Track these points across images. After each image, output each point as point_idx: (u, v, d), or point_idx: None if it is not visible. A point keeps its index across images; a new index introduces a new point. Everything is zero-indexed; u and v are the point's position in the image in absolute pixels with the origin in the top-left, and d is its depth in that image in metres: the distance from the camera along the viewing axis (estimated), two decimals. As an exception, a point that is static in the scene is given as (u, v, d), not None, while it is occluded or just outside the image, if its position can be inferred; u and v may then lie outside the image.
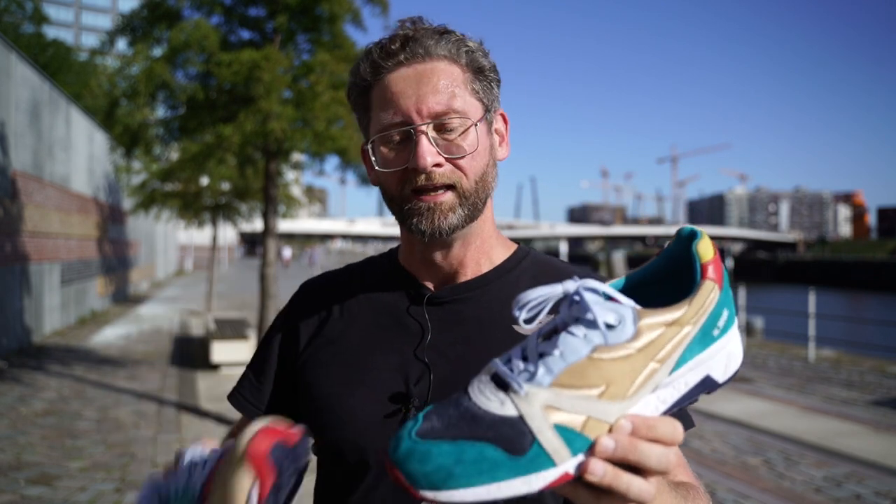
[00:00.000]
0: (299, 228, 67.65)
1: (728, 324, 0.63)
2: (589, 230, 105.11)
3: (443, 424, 0.57)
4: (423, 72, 0.90)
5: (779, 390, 8.42)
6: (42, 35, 28.72)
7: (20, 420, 6.61)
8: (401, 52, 0.90)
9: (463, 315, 0.96)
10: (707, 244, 0.63)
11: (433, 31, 0.92)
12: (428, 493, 0.55)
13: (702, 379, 0.62)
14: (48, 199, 12.51)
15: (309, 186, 16.47)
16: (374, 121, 0.93)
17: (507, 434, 0.56)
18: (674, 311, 0.60)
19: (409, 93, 0.89)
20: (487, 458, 0.55)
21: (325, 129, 5.84)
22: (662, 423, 0.59)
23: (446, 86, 0.90)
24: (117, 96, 6.38)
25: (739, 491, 4.89)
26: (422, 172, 0.89)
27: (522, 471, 0.55)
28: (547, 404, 0.56)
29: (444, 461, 0.55)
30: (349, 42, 6.29)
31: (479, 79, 0.94)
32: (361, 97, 0.95)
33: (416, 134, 0.88)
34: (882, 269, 57.30)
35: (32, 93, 11.71)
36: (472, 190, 0.91)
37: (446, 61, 0.91)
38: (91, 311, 15.84)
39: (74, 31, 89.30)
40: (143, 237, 24.79)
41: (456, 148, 0.90)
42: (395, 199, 0.93)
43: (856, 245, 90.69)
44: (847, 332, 17.59)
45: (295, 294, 1.12)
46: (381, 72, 0.91)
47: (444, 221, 0.90)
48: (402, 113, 0.89)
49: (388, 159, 0.91)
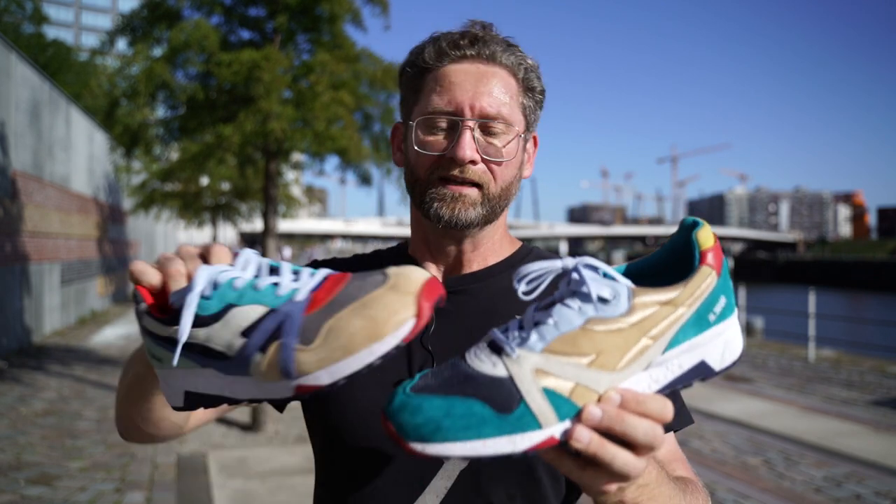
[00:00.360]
0: (299, 228, 67.64)
1: (726, 312, 0.65)
2: (588, 230, 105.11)
3: (437, 382, 0.59)
4: (484, 72, 0.93)
5: (779, 390, 8.42)
6: (42, 35, 28.72)
7: (20, 420, 6.62)
8: (469, 48, 0.93)
9: (467, 305, 0.98)
10: (707, 232, 0.65)
11: (501, 40, 0.95)
12: (416, 444, 0.57)
13: (697, 363, 0.64)
14: (48, 199, 12.51)
15: (309, 186, 16.48)
16: (422, 102, 0.95)
17: (496, 393, 0.57)
18: (669, 292, 0.61)
19: (467, 87, 0.91)
20: (475, 413, 0.57)
21: (325, 129, 5.83)
22: (652, 399, 0.60)
23: (501, 93, 0.93)
24: (117, 96, 6.38)
25: (739, 491, 4.89)
26: (458, 165, 0.91)
27: (508, 429, 0.57)
28: (537, 368, 0.58)
29: (434, 414, 0.57)
30: (349, 42, 6.29)
31: (529, 96, 0.98)
32: (416, 78, 0.96)
33: (462, 127, 0.91)
34: (882, 269, 57.31)
35: (32, 93, 11.71)
36: (496, 194, 0.94)
37: (506, 71, 0.95)
38: (91, 311, 15.84)
39: (74, 31, 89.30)
40: (143, 237, 24.80)
41: (494, 151, 0.93)
42: (420, 181, 0.95)
43: (856, 245, 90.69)
44: (847, 332, 17.59)
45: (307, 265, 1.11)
46: (443, 59, 0.93)
47: (464, 213, 0.92)
48: (456, 103, 0.91)
49: (427, 142, 0.93)
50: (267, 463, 5.45)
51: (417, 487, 0.90)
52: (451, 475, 0.90)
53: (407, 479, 0.91)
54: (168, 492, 4.85)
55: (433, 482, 0.90)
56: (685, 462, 0.95)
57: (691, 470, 0.95)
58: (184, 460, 5.55)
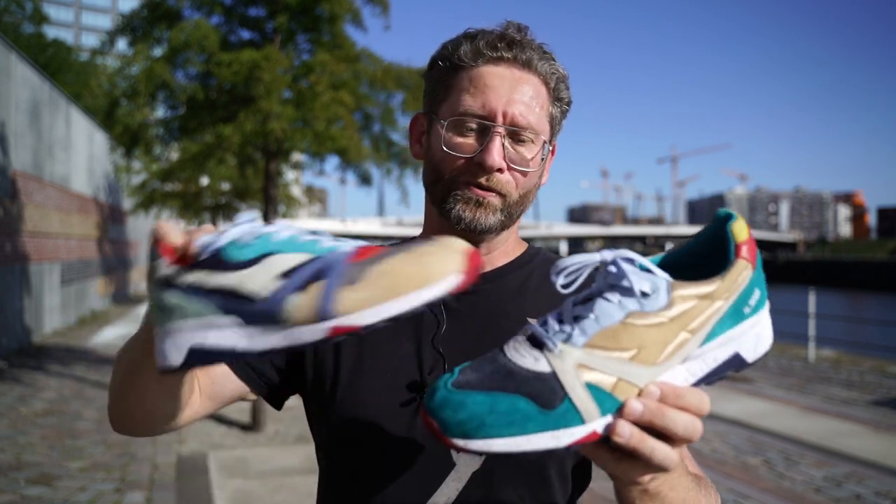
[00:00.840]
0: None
1: (759, 304, 0.65)
2: (587, 230, 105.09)
3: (478, 377, 0.59)
4: (520, 78, 0.92)
5: (779, 390, 8.41)
6: (42, 35, 28.72)
7: (20, 420, 6.61)
8: (506, 51, 0.92)
9: (477, 306, 0.97)
10: (742, 225, 0.65)
11: (537, 46, 0.94)
12: (459, 441, 0.57)
13: (731, 356, 0.64)
14: (48, 199, 12.51)
15: (309, 186, 16.47)
16: (452, 100, 0.93)
17: (539, 389, 0.58)
18: (707, 285, 0.62)
19: (502, 92, 0.90)
20: (519, 410, 0.57)
21: (325, 129, 5.83)
22: (691, 392, 0.61)
23: (534, 102, 0.92)
24: (117, 96, 6.38)
25: (739, 491, 4.89)
26: (486, 172, 0.90)
27: (552, 425, 0.57)
28: (580, 363, 0.59)
29: (478, 410, 0.57)
30: (349, 42, 6.28)
31: (557, 107, 0.97)
32: (448, 73, 0.95)
33: (493, 133, 0.90)
34: (882, 269, 57.31)
35: (32, 93, 11.71)
36: (515, 202, 0.94)
37: (540, 79, 0.94)
38: (91, 311, 15.84)
39: (74, 31, 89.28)
40: (144, 237, 24.79)
41: (521, 160, 0.92)
42: (443, 181, 0.94)
43: (856, 245, 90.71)
44: (847, 332, 17.59)
45: None
46: (479, 59, 0.92)
47: (485, 218, 0.92)
48: (489, 108, 0.90)
49: (456, 144, 0.92)
50: (267, 463, 5.45)
51: (427, 490, 0.90)
52: (462, 477, 0.89)
53: (416, 482, 0.91)
54: (168, 492, 4.84)
55: (444, 485, 0.90)
56: (692, 459, 0.96)
57: (698, 467, 0.95)
58: (184, 460, 5.55)
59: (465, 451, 0.57)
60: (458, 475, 0.89)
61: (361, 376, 0.95)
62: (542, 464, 0.91)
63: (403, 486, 0.91)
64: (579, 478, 0.97)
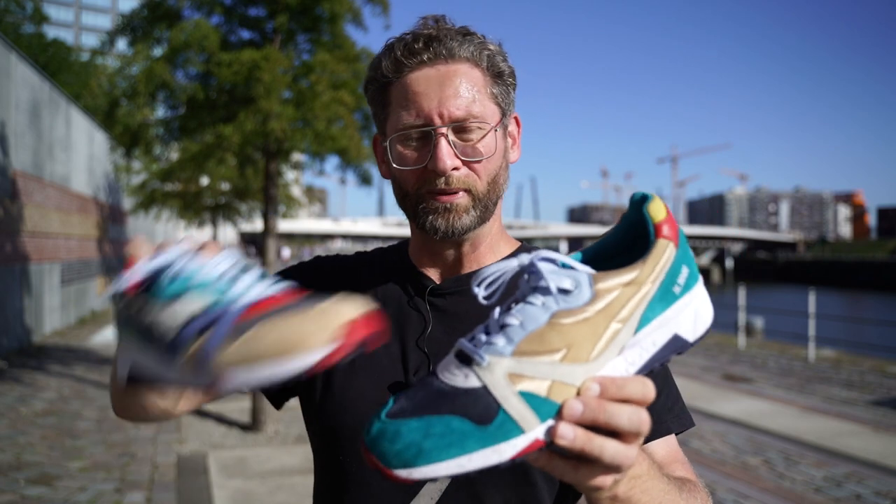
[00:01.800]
0: (299, 228, 67.63)
1: (690, 281, 0.63)
2: (587, 230, 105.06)
3: (411, 404, 0.58)
4: (445, 73, 0.90)
5: (779, 390, 8.41)
6: (42, 35, 28.72)
7: (20, 420, 6.62)
8: (424, 52, 0.90)
9: (464, 307, 0.97)
10: (658, 205, 0.63)
11: (456, 31, 0.92)
12: (401, 472, 0.55)
13: (670, 338, 0.62)
14: (48, 199, 12.51)
15: (309, 186, 16.47)
16: (392, 117, 0.93)
17: (472, 405, 0.56)
18: (630, 272, 0.60)
19: (432, 95, 0.89)
20: (455, 429, 0.55)
21: (325, 128, 5.83)
22: (631, 381, 0.58)
23: (467, 90, 0.90)
24: (117, 96, 6.37)
25: (739, 491, 4.89)
26: (440, 175, 0.90)
27: (491, 440, 0.55)
28: (510, 372, 0.57)
29: (414, 437, 0.55)
30: (349, 42, 6.28)
31: (498, 83, 0.95)
32: (380, 92, 0.95)
33: (436, 136, 0.89)
34: (882, 269, 57.32)
35: (32, 93, 11.71)
36: (484, 193, 0.93)
37: (468, 64, 0.92)
38: (91, 311, 15.84)
39: (74, 31, 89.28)
40: (144, 237, 24.79)
41: (473, 151, 0.91)
42: (409, 196, 0.94)
43: (856, 245, 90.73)
44: (847, 332, 17.59)
45: (306, 262, 1.11)
46: (402, 69, 0.91)
47: (458, 222, 0.92)
48: (424, 115, 0.89)
49: (405, 157, 0.92)
50: (267, 463, 5.46)
51: (411, 491, 0.90)
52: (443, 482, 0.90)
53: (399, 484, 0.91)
54: (168, 492, 4.85)
55: (425, 487, 0.90)
56: (686, 464, 0.95)
57: (692, 471, 0.94)
58: (184, 460, 5.55)
59: (410, 482, 0.55)
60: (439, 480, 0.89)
61: (350, 378, 0.96)
62: (526, 467, 0.89)
63: (389, 486, 0.90)
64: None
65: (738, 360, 10.78)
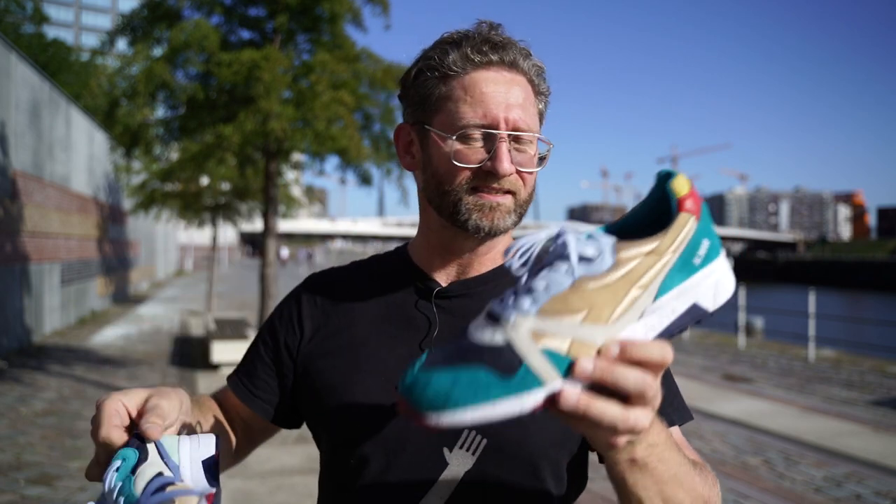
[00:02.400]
0: (299, 228, 67.61)
1: (711, 253, 0.66)
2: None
3: (442, 356, 0.62)
4: (511, 81, 0.94)
5: (779, 390, 8.41)
6: (42, 35, 28.72)
7: (20, 420, 6.61)
8: (493, 53, 0.93)
9: (470, 309, 0.98)
10: (682, 181, 0.66)
11: (517, 44, 0.96)
12: (431, 416, 0.59)
13: (689, 306, 0.65)
14: (48, 199, 12.51)
15: (309, 186, 16.46)
16: (450, 111, 0.94)
17: (497, 359, 0.60)
18: (651, 242, 0.64)
19: (499, 99, 0.92)
20: (480, 379, 0.59)
21: (325, 128, 5.83)
22: (651, 345, 0.61)
23: (527, 103, 0.95)
24: (117, 96, 6.37)
25: (739, 491, 4.89)
26: (497, 178, 0.92)
27: (513, 390, 0.59)
28: (533, 330, 0.61)
29: (443, 385, 0.59)
30: (349, 42, 6.29)
31: (541, 100, 0.99)
32: (439, 83, 0.95)
33: (499, 141, 0.91)
34: (882, 269, 57.32)
35: (32, 93, 11.71)
36: (525, 200, 0.97)
37: (526, 79, 0.96)
38: (91, 311, 15.84)
39: (74, 31, 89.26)
40: (143, 237, 24.79)
41: (526, 160, 0.95)
42: (450, 192, 0.95)
43: (856, 245, 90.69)
44: (847, 332, 17.59)
45: (300, 285, 1.13)
46: (468, 66, 0.93)
47: (501, 221, 0.95)
48: (491, 116, 0.92)
49: (463, 155, 0.93)
50: (267, 463, 5.45)
51: (421, 489, 0.92)
52: (455, 476, 0.91)
53: (411, 482, 0.93)
54: (168, 492, 4.84)
55: (437, 484, 0.91)
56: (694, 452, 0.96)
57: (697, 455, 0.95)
58: (184, 460, 5.55)
59: (439, 426, 0.59)
60: (451, 474, 0.91)
61: (356, 379, 0.98)
62: (536, 463, 0.92)
63: (398, 486, 0.92)
64: (575, 478, 0.98)
65: (738, 360, 10.78)
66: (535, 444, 0.91)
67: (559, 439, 0.93)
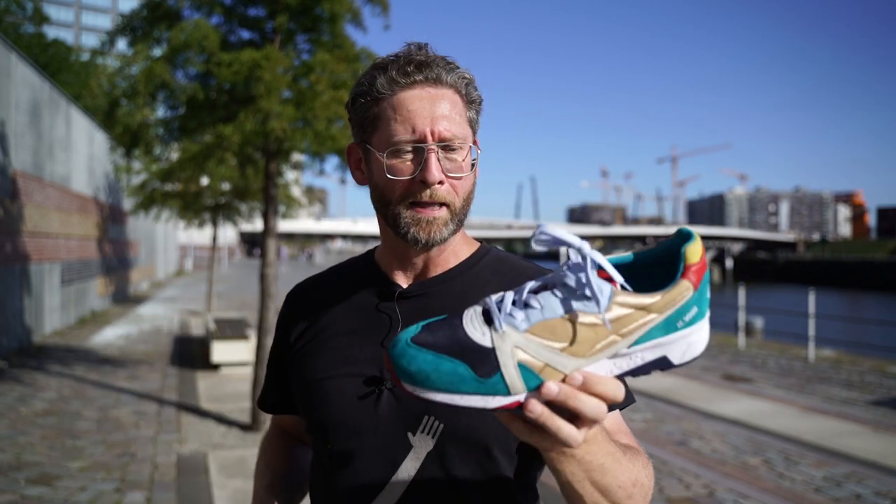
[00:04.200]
0: (298, 228, 67.58)
1: (695, 318, 0.71)
2: (586, 230, 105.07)
3: (433, 338, 0.70)
4: (435, 96, 1.02)
5: (779, 390, 8.42)
6: (42, 35, 28.71)
7: (20, 420, 6.62)
8: (418, 74, 1.02)
9: (430, 307, 1.08)
10: (696, 248, 0.71)
11: (443, 60, 1.05)
12: (409, 386, 0.69)
13: (658, 358, 0.71)
14: (48, 199, 12.51)
15: (309, 186, 16.45)
16: (383, 130, 1.03)
17: (478, 360, 0.68)
18: (646, 298, 0.69)
19: (425, 114, 1.01)
20: (459, 373, 0.68)
21: (325, 128, 5.82)
22: (609, 382, 0.69)
23: (453, 113, 1.03)
24: (117, 96, 6.36)
25: (739, 491, 4.89)
26: (428, 186, 1.00)
27: (483, 391, 0.68)
28: (517, 345, 0.68)
29: (425, 367, 0.68)
30: (349, 42, 6.27)
31: (471, 109, 1.07)
32: (371, 106, 1.05)
33: (428, 152, 1.00)
34: (882, 269, 57.32)
35: (32, 93, 11.71)
36: (460, 208, 1.05)
37: (452, 90, 1.04)
38: (91, 311, 15.84)
39: (74, 31, 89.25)
40: (143, 237, 24.79)
41: (455, 167, 1.03)
42: (391, 205, 1.04)
43: (856, 245, 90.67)
44: (847, 332, 17.59)
45: (286, 298, 1.28)
46: (395, 87, 1.02)
47: (438, 234, 1.03)
48: (419, 131, 1.00)
49: (396, 169, 1.02)
50: (267, 463, 5.45)
51: (391, 468, 1.04)
52: (419, 457, 1.03)
53: (379, 463, 1.05)
54: (168, 492, 4.85)
55: (404, 464, 1.03)
56: (629, 434, 1.07)
57: (635, 441, 1.06)
58: (184, 460, 5.55)
59: (413, 396, 0.69)
60: (415, 455, 1.03)
61: (333, 375, 1.11)
62: (486, 444, 1.03)
63: (369, 467, 1.05)
64: (527, 453, 1.07)
65: (738, 360, 10.79)
66: (484, 428, 1.02)
67: None
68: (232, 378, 8.88)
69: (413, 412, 1.02)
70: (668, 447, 5.99)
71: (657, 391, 8.19)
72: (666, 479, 5.11)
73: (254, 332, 9.39)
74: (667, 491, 4.87)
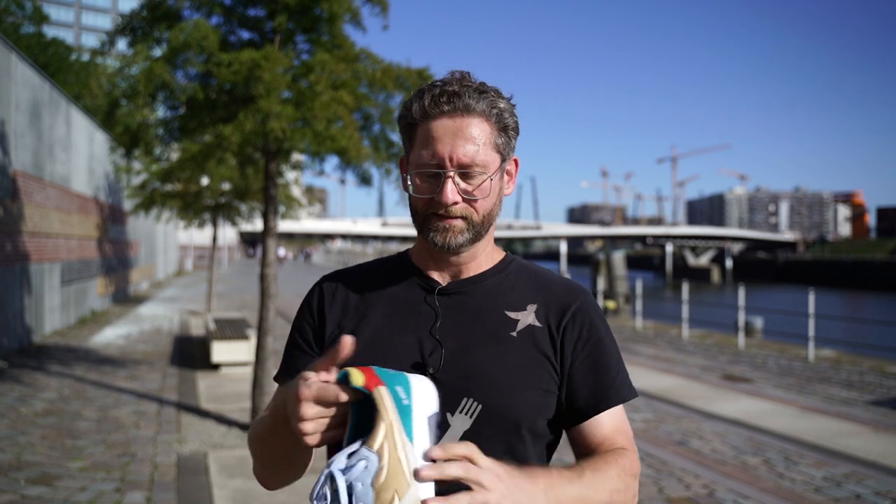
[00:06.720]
0: (298, 228, 67.59)
1: (406, 387, 0.92)
2: (587, 230, 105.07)
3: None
4: (460, 125, 1.14)
5: (779, 390, 8.42)
6: (42, 35, 28.72)
7: (20, 420, 6.62)
8: (446, 104, 1.14)
9: (466, 303, 1.22)
10: (354, 374, 0.91)
11: (475, 88, 1.15)
12: None
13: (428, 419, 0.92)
14: (48, 199, 12.51)
15: (309, 186, 16.46)
16: (414, 152, 1.17)
17: None
18: (380, 424, 0.87)
19: (447, 141, 1.13)
20: None
21: (325, 128, 5.82)
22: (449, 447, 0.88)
23: (476, 141, 1.14)
24: (117, 96, 6.36)
25: (739, 491, 4.89)
26: (443, 207, 1.14)
27: None
28: None
29: None
30: (348, 42, 6.27)
31: (503, 135, 1.18)
32: (409, 129, 1.19)
33: (444, 177, 1.13)
34: (882, 269, 57.33)
35: (32, 93, 11.71)
36: (479, 222, 1.18)
37: (481, 118, 1.15)
38: (91, 311, 15.85)
39: (74, 31, 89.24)
40: (144, 237, 24.79)
41: (472, 192, 1.15)
42: (419, 214, 1.19)
43: (855, 245, 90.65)
44: (847, 332, 17.60)
45: (316, 285, 1.34)
46: (427, 116, 1.15)
47: (454, 239, 1.16)
48: (438, 157, 1.13)
49: (420, 187, 1.17)
50: (267, 463, 5.45)
51: None
52: (456, 436, 1.11)
53: None
54: (168, 492, 4.85)
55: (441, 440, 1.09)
56: (627, 434, 1.18)
57: (631, 441, 1.17)
58: (184, 460, 5.55)
59: None
60: (452, 434, 1.11)
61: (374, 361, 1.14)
62: (518, 422, 1.15)
63: None
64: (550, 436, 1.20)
65: (737, 360, 10.79)
66: (518, 408, 1.13)
67: (537, 407, 1.16)
68: (232, 378, 8.88)
69: (453, 394, 1.10)
70: (668, 447, 5.99)
71: (657, 391, 8.19)
72: (666, 479, 5.11)
73: (254, 332, 9.39)
74: (667, 491, 4.87)
